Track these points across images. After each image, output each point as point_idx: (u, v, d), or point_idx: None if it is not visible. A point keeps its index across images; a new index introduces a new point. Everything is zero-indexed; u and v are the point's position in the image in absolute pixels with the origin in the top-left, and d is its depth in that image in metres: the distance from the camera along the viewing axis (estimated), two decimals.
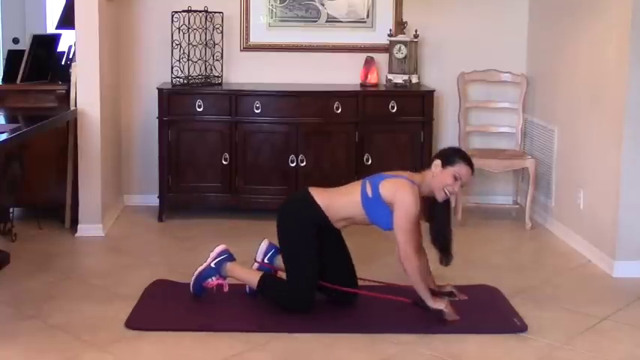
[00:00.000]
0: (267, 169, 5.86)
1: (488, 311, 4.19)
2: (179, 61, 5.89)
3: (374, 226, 4.11)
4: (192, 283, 4.27)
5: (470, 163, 4.04)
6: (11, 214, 5.33)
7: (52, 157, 5.62)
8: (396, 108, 5.84)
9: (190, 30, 5.88)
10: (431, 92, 5.92)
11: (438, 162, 4.01)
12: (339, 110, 5.80)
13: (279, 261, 4.33)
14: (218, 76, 6.05)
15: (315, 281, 4.07)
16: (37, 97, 5.62)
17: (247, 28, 6.21)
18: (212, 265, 4.27)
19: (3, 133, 4.25)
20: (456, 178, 3.97)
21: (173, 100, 5.81)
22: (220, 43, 6.06)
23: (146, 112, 6.15)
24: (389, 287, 4.35)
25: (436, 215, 4.08)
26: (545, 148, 5.88)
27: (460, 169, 3.98)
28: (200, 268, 4.27)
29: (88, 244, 5.31)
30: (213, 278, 4.24)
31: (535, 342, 3.82)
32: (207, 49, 5.99)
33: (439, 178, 3.98)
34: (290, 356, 3.69)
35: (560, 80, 5.66)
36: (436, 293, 4.12)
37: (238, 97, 5.82)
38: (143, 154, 6.22)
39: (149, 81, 6.10)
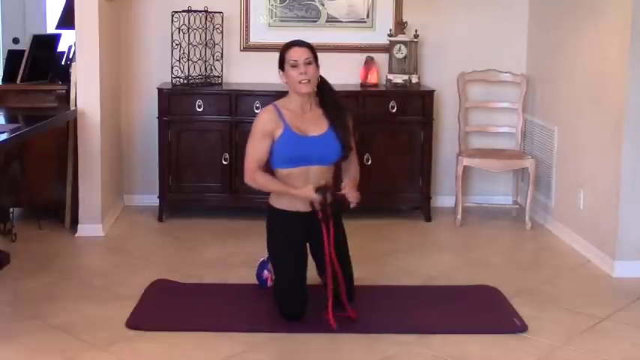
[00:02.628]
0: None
1: (488, 311, 4.19)
2: (179, 61, 5.89)
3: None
4: (256, 271, 4.41)
5: (292, 43, 4.00)
6: (11, 214, 5.33)
7: (52, 157, 5.61)
8: (396, 108, 5.84)
9: (190, 30, 5.88)
10: (431, 92, 5.91)
11: (278, 72, 4.00)
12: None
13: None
14: (218, 76, 6.05)
15: (297, 283, 3.96)
16: (37, 97, 5.62)
17: (247, 28, 6.21)
18: (265, 258, 4.35)
19: (3, 133, 4.25)
20: (294, 65, 3.92)
21: (173, 100, 5.81)
22: (220, 43, 6.06)
23: (146, 112, 6.15)
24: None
25: (332, 116, 4.03)
26: (545, 148, 5.88)
27: (289, 55, 3.95)
28: (261, 259, 4.40)
29: (88, 244, 5.31)
30: (266, 271, 4.35)
31: (535, 342, 3.82)
32: (207, 49, 5.99)
33: (288, 80, 3.97)
34: (290, 356, 3.69)
35: (560, 80, 5.66)
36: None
37: (238, 97, 5.82)
38: (143, 154, 6.22)
39: (149, 81, 6.10)
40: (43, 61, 5.85)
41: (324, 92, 4.06)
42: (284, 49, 4.01)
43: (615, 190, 4.77)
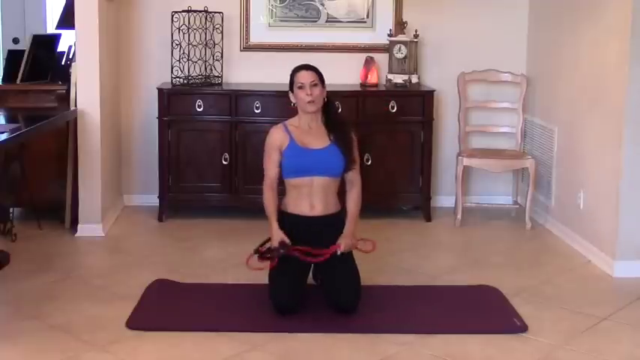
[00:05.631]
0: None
1: (488, 311, 4.19)
2: (179, 61, 5.89)
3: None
4: None
5: (300, 67, 4.27)
6: (11, 214, 5.33)
7: (52, 157, 5.62)
8: (396, 108, 5.84)
9: (190, 30, 5.88)
10: (431, 92, 5.91)
11: (289, 93, 4.29)
12: (339, 110, 5.77)
13: None
14: (218, 76, 6.05)
15: (289, 275, 4.09)
16: (37, 97, 5.62)
17: (247, 28, 6.21)
18: None
19: (3, 133, 4.25)
20: (301, 87, 4.20)
21: (173, 100, 5.81)
22: (220, 43, 6.06)
23: (146, 112, 6.15)
24: None
25: (334, 132, 4.27)
26: (545, 148, 5.88)
27: (297, 78, 4.23)
28: None
29: (88, 244, 5.31)
30: None
31: (535, 342, 3.82)
32: (207, 49, 5.99)
33: (296, 100, 4.25)
34: (290, 356, 3.69)
35: (560, 80, 5.66)
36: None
37: (238, 97, 5.83)
38: (143, 154, 6.22)
39: (149, 81, 6.10)
40: (43, 61, 5.86)
41: (328, 111, 4.32)
42: (293, 73, 4.28)
43: (615, 191, 4.78)
